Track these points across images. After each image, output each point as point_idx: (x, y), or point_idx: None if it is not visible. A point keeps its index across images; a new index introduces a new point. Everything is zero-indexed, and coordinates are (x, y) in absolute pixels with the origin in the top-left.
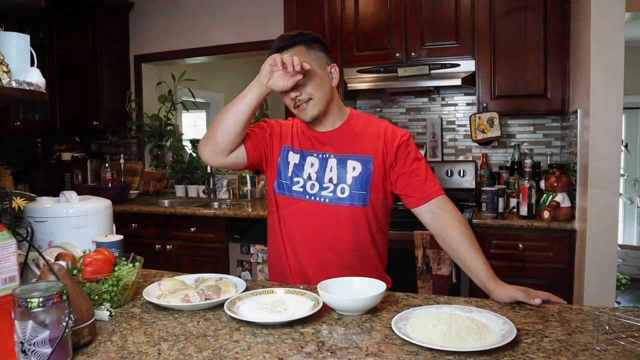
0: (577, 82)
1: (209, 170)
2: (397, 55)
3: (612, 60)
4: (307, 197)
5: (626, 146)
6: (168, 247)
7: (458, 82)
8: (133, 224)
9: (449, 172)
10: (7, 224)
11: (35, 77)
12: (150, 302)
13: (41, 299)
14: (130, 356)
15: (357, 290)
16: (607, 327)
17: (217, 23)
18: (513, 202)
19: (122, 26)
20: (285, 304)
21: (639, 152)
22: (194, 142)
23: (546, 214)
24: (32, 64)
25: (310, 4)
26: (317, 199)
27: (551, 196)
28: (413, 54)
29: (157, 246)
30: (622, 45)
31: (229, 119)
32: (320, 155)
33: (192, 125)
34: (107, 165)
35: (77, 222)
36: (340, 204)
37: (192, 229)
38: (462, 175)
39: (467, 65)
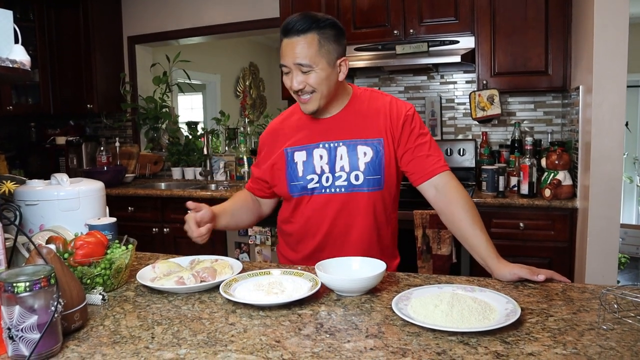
0: (579, 58)
1: (205, 152)
2: (395, 32)
3: (615, 35)
4: (324, 190)
5: (627, 124)
6: (165, 230)
7: (457, 59)
8: (129, 208)
9: (449, 150)
10: None
11: (19, 55)
12: (144, 285)
13: (28, 283)
14: (122, 340)
15: (356, 271)
16: (615, 306)
17: (212, 2)
18: (514, 180)
19: (114, 7)
20: (283, 285)
21: (639, 131)
22: (190, 124)
23: (547, 192)
24: (16, 42)
25: None
26: (333, 190)
27: (552, 174)
28: (411, 30)
29: (154, 229)
30: (627, 19)
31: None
32: (327, 145)
33: (188, 107)
34: (102, 148)
35: (68, 205)
36: (356, 191)
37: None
38: (461, 154)
39: (467, 42)
